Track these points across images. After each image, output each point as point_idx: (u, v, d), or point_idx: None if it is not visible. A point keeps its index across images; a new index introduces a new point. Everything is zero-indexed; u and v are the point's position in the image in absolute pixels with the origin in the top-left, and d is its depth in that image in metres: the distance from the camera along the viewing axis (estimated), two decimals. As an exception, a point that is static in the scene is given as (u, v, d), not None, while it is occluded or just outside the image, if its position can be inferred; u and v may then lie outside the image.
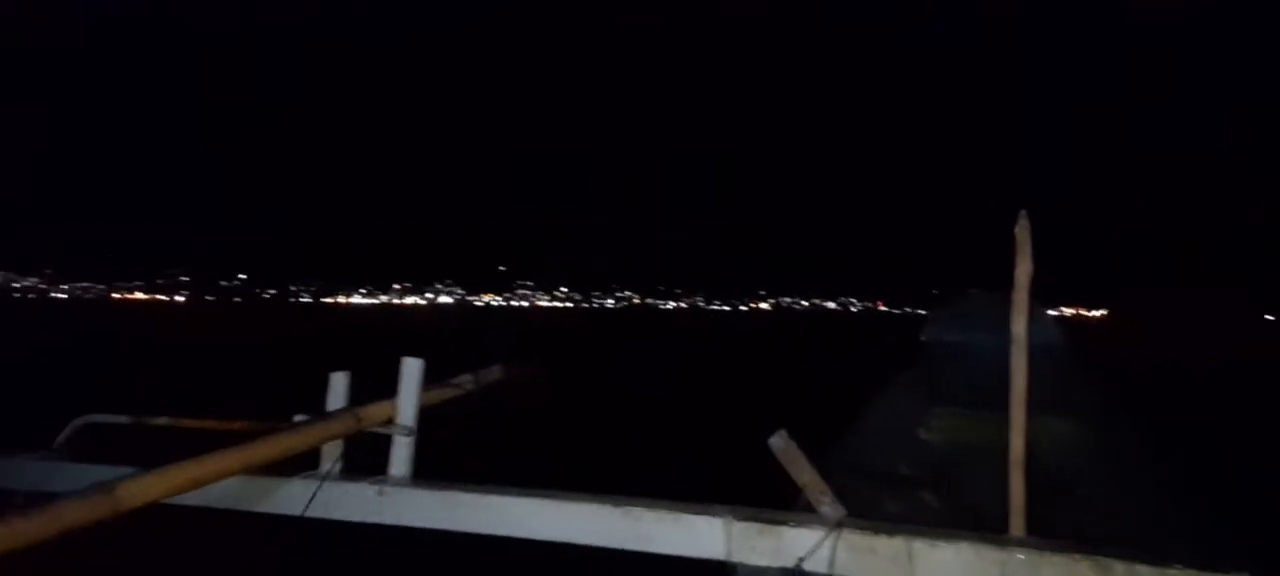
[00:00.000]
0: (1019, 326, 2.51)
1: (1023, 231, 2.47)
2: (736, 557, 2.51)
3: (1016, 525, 2.49)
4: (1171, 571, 2.14)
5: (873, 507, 3.38)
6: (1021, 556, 2.27)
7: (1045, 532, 2.50)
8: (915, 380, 6.80)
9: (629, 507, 2.60)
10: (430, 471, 2.98)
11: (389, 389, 3.03)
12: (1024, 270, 2.50)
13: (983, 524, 2.68)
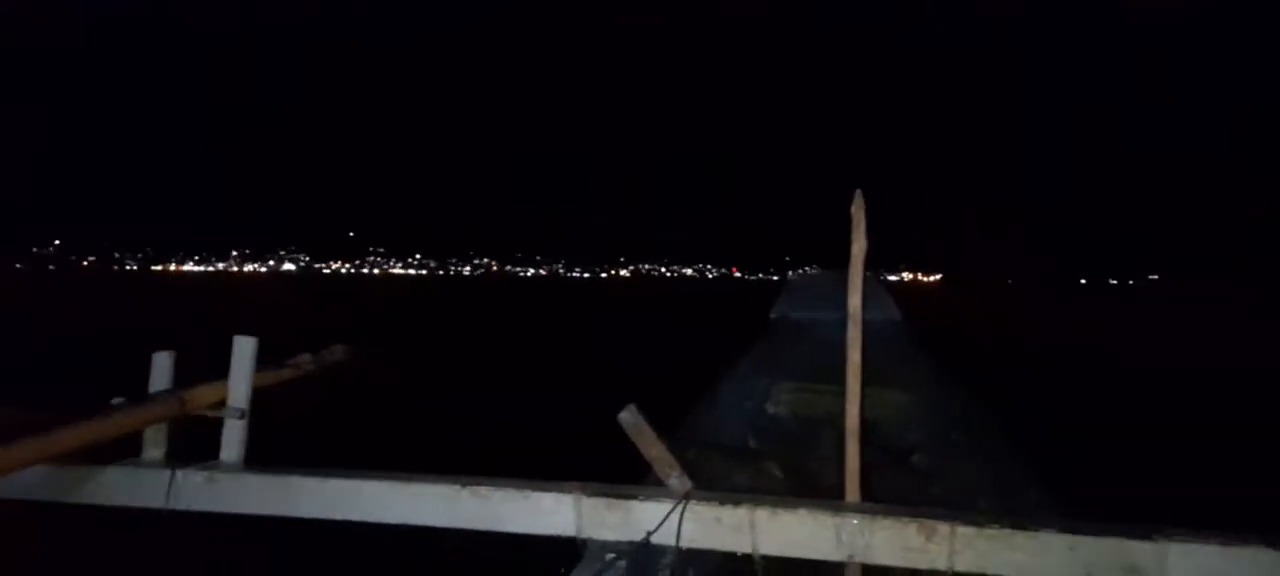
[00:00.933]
0: (854, 301, 2.63)
1: (857, 209, 2.58)
2: (586, 533, 2.54)
3: (851, 491, 2.63)
4: (988, 529, 2.32)
5: (722, 479, 3.48)
6: (855, 520, 2.40)
7: (884, 497, 2.65)
8: (762, 356, 7.09)
9: (476, 487, 2.58)
10: (265, 457, 2.83)
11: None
12: (859, 247, 2.61)
13: (823, 491, 2.82)
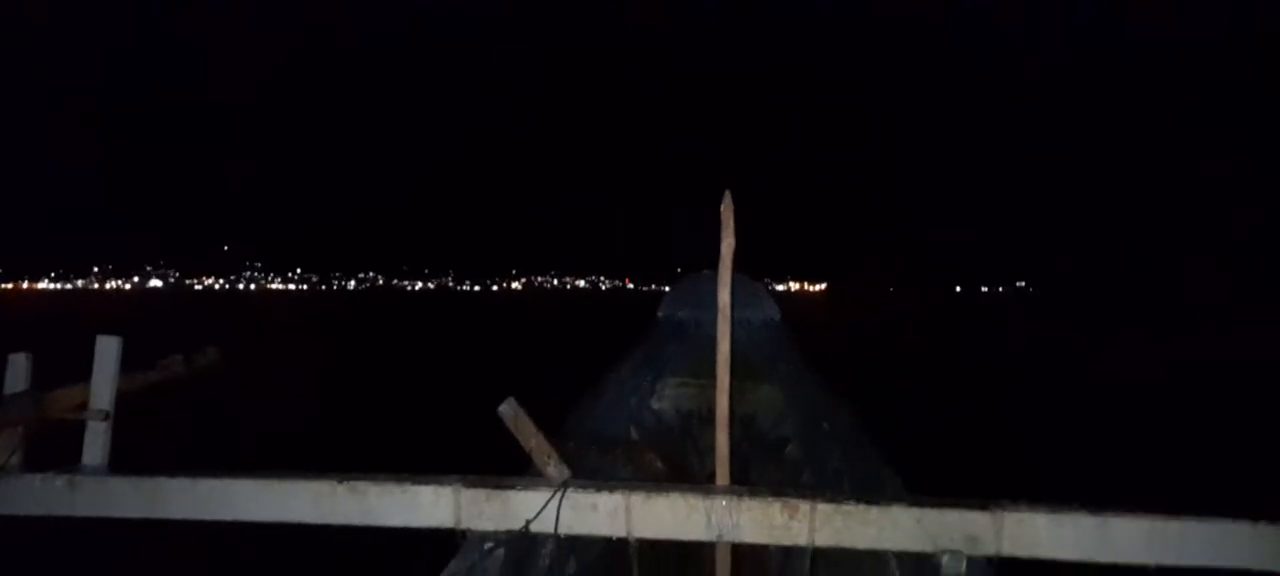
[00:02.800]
0: (723, 296, 2.77)
1: (727, 209, 2.72)
2: (465, 524, 2.55)
3: (722, 476, 2.76)
4: (845, 505, 2.49)
5: (602, 471, 3.57)
6: (724, 503, 2.51)
7: (760, 484, 2.79)
8: (647, 354, 7.25)
9: (353, 483, 2.56)
10: (131, 465, 2.74)
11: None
12: (728, 245, 2.75)
13: (702, 480, 2.94)
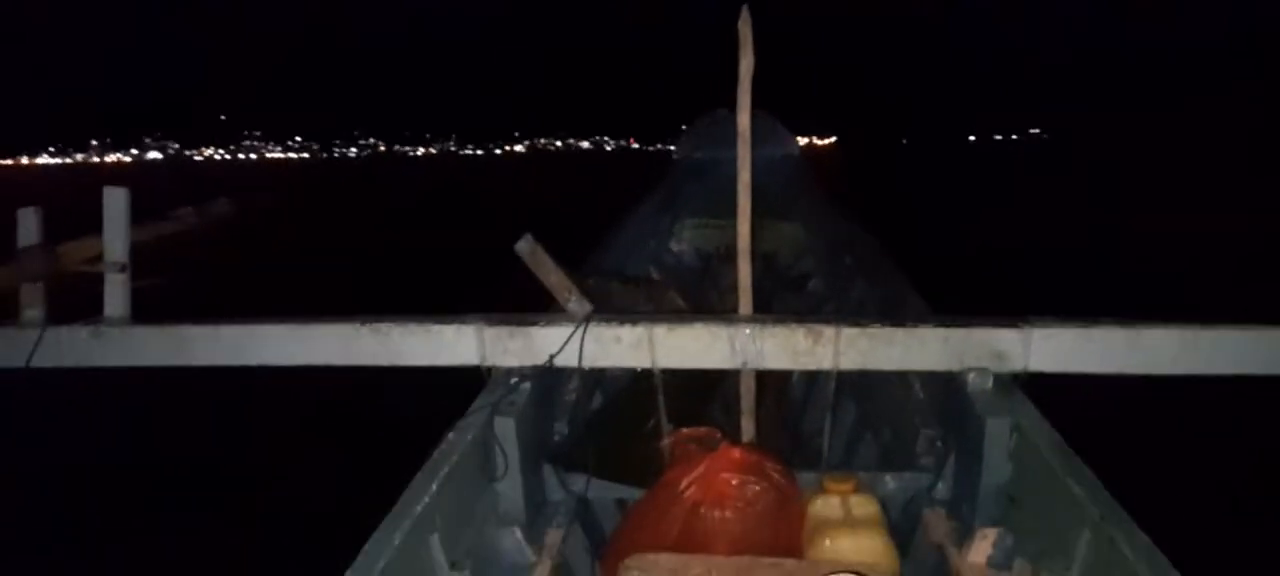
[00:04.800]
0: (743, 120, 2.67)
1: (744, 24, 2.59)
2: (490, 361, 2.57)
3: (744, 304, 2.75)
4: (870, 328, 2.48)
5: (628, 308, 3.57)
6: (747, 330, 2.51)
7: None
8: (665, 196, 7.16)
9: (376, 325, 2.57)
10: (151, 316, 2.74)
11: None
12: (747, 64, 2.63)
13: (723, 313, 2.92)
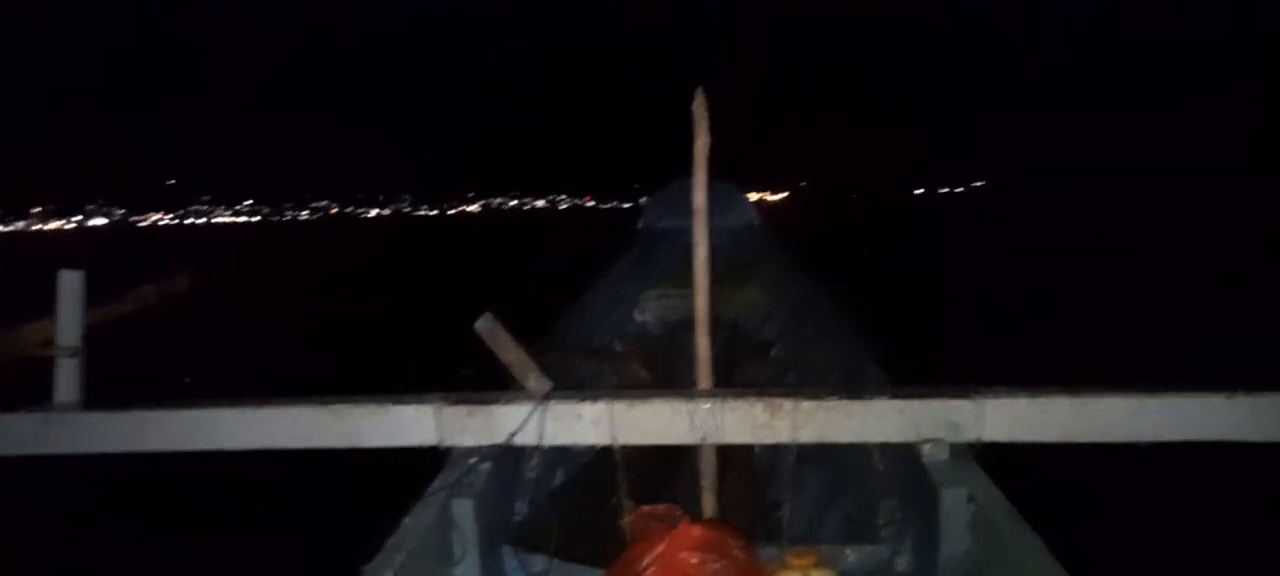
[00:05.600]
0: (698, 198, 2.75)
1: (700, 106, 2.68)
2: (448, 441, 2.57)
3: (703, 378, 2.79)
4: (828, 400, 2.53)
5: (590, 382, 3.58)
6: (707, 405, 2.55)
7: (745, 387, 2.82)
8: (628, 266, 7.24)
9: (335, 406, 2.56)
10: (110, 400, 2.68)
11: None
12: (702, 143, 2.72)
13: (686, 386, 2.96)
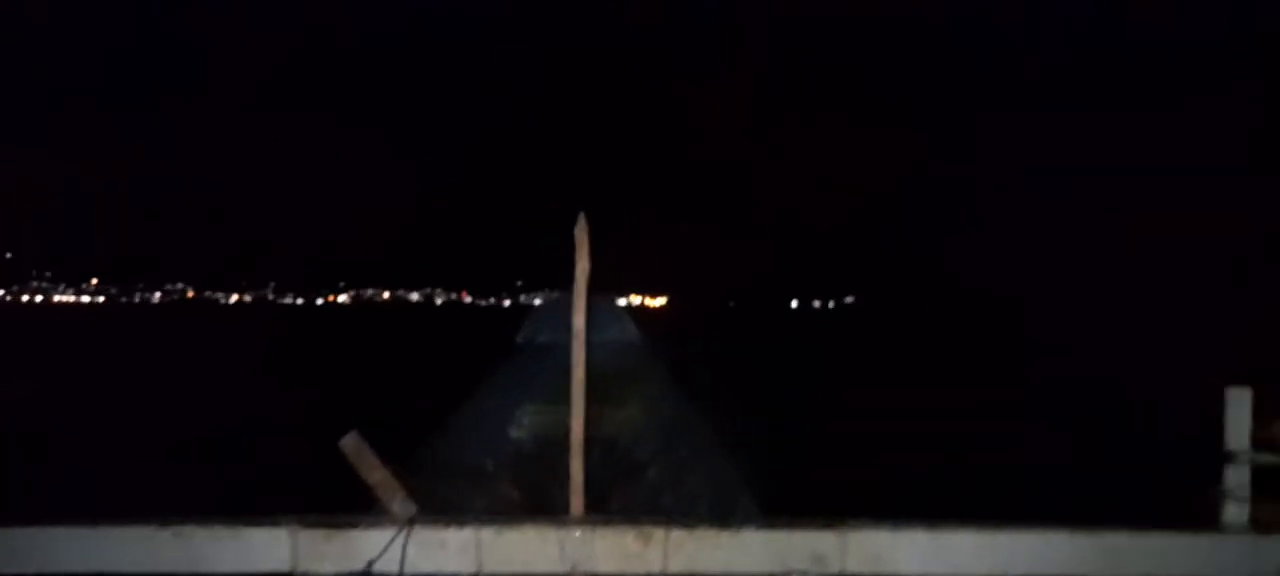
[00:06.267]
0: (578, 321, 2.76)
1: (581, 232, 2.71)
2: (304, 567, 2.45)
3: (576, 505, 2.76)
4: (697, 531, 2.54)
5: (459, 504, 3.45)
6: (578, 534, 2.52)
7: (620, 509, 2.80)
8: (505, 380, 7.12)
9: (178, 528, 2.38)
10: None
11: None
12: (582, 268, 2.75)
13: (560, 509, 2.91)
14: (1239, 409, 2.58)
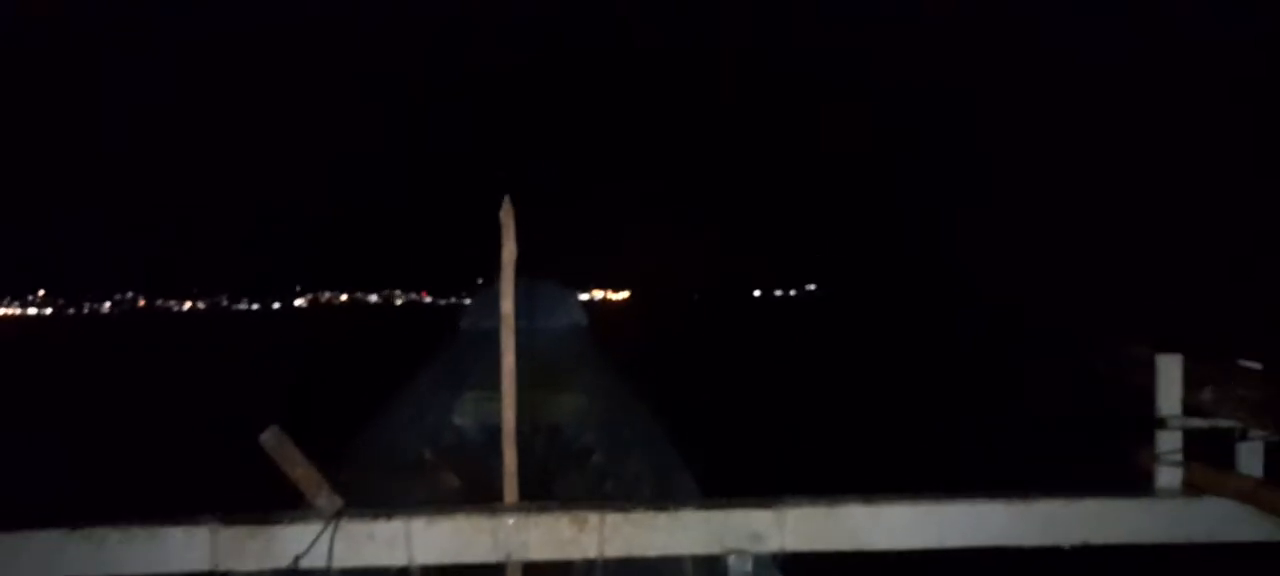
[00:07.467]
0: (506, 305, 2.69)
1: (506, 214, 2.65)
2: (226, 566, 2.36)
3: (510, 492, 2.69)
4: (634, 514, 2.50)
5: (395, 496, 3.37)
6: (511, 521, 2.46)
7: (563, 495, 2.74)
8: (447, 367, 6.96)
9: (89, 531, 2.29)
10: None
11: None
12: (509, 251, 2.69)
13: (500, 496, 2.85)
14: (1169, 375, 2.60)
